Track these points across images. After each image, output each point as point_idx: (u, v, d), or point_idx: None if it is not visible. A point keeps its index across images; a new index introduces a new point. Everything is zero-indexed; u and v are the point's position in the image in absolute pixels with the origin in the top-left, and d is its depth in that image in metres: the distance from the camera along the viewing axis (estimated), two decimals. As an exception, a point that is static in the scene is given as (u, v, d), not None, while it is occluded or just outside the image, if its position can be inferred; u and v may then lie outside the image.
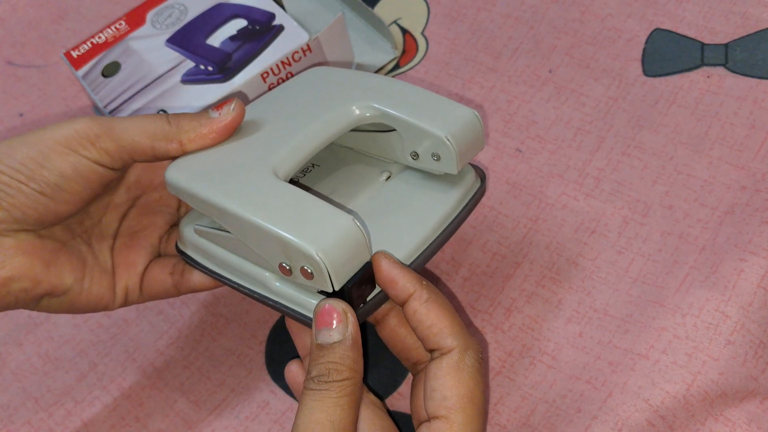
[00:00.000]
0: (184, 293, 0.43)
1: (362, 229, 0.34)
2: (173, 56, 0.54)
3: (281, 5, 0.56)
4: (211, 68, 0.53)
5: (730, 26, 0.53)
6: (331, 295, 0.35)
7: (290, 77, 0.53)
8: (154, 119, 0.38)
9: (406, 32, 0.59)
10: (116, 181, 0.41)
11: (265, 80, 0.52)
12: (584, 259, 0.47)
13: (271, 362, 0.47)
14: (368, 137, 0.43)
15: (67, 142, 0.37)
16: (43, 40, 0.66)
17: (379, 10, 0.61)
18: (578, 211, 0.48)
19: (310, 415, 0.34)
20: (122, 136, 0.37)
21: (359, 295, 0.36)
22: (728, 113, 0.50)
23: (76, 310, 0.40)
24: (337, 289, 0.34)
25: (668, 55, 0.53)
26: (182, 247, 0.42)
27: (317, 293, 0.36)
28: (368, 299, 0.36)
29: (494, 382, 0.44)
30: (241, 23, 0.55)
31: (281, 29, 0.54)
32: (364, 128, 0.42)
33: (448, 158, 0.39)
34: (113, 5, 0.67)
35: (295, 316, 0.37)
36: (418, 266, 0.38)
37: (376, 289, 0.37)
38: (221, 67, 0.53)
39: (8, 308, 0.38)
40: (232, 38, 0.54)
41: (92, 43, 0.56)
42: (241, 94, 0.52)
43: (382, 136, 0.42)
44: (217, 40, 0.54)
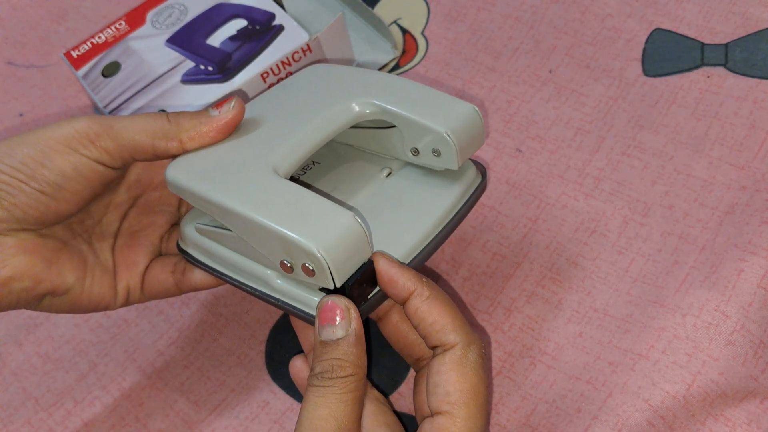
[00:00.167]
0: (185, 292, 0.43)
1: (363, 225, 0.34)
2: (173, 56, 0.54)
3: (281, 5, 0.56)
4: (211, 68, 0.53)
5: (730, 26, 0.53)
6: (332, 292, 0.35)
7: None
8: (154, 118, 0.38)
9: (406, 32, 0.59)
10: (117, 180, 0.41)
11: (265, 80, 0.52)
12: (584, 259, 0.47)
13: (271, 362, 0.47)
14: (368, 134, 0.43)
15: (67, 141, 0.37)
16: (43, 40, 0.66)
17: (379, 10, 0.61)
18: (578, 211, 0.48)
19: (313, 411, 0.34)
20: (122, 134, 0.37)
21: (360, 292, 0.36)
22: (728, 113, 0.50)
23: (77, 309, 0.40)
24: (338, 286, 0.34)
25: (668, 55, 0.53)
26: (183, 245, 0.42)
27: (319, 290, 0.36)
28: (369, 297, 0.36)
29: (494, 382, 0.44)
30: (241, 23, 0.55)
31: (281, 29, 0.54)
32: (364, 125, 0.42)
33: (448, 154, 0.39)
34: (113, 5, 0.67)
35: (296, 313, 0.37)
36: (420, 262, 0.38)
37: (376, 287, 0.37)
38: (221, 67, 0.53)
39: (10, 308, 0.38)
40: (232, 38, 0.54)
41: (92, 43, 0.56)
42: (241, 92, 0.52)
43: (382, 132, 0.42)
44: (217, 40, 0.54)
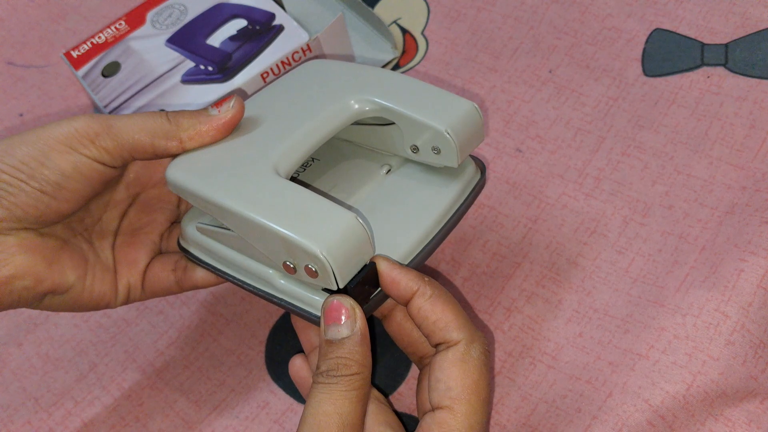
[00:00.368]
0: (186, 290, 0.43)
1: (365, 226, 0.34)
2: (173, 56, 0.54)
3: (281, 5, 0.56)
4: (211, 68, 0.53)
5: (730, 26, 0.53)
6: (335, 292, 0.35)
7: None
8: (153, 117, 0.38)
9: (406, 32, 0.59)
10: (116, 178, 0.41)
11: (265, 80, 0.52)
12: (584, 259, 0.47)
13: (271, 362, 0.47)
14: (368, 130, 0.43)
15: (67, 140, 0.37)
16: (43, 40, 0.66)
17: (379, 10, 0.61)
18: (578, 211, 0.48)
19: (318, 407, 0.34)
20: (122, 134, 0.37)
21: (363, 293, 0.36)
22: (728, 113, 0.50)
23: (78, 308, 0.40)
24: (341, 287, 0.34)
25: (668, 55, 0.53)
26: (185, 244, 0.42)
27: (322, 290, 0.36)
28: (371, 297, 0.37)
29: (494, 382, 0.44)
30: (241, 23, 0.55)
31: (281, 29, 0.54)
32: (363, 122, 0.42)
33: (448, 152, 0.39)
34: (113, 5, 0.67)
35: (299, 313, 0.37)
36: (420, 261, 0.38)
37: (378, 287, 0.37)
38: (221, 67, 0.53)
39: (11, 307, 0.38)
40: (232, 38, 0.54)
41: (92, 43, 0.56)
42: (241, 92, 0.52)
43: (382, 129, 0.42)
44: (217, 40, 0.54)
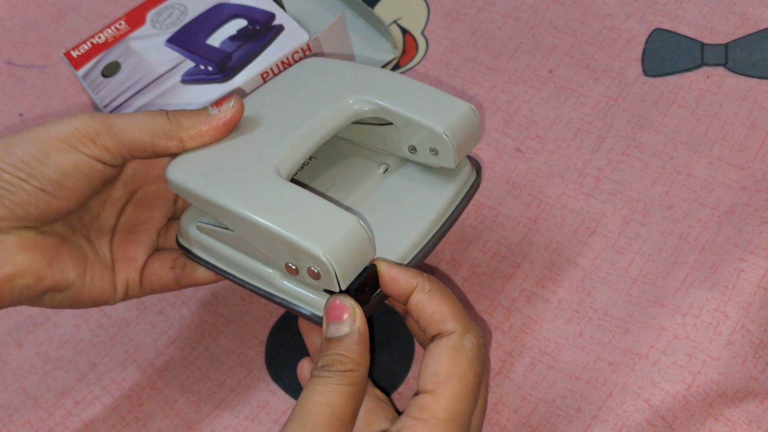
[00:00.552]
0: (185, 287, 0.43)
1: (367, 229, 0.35)
2: (173, 56, 0.54)
3: (281, 5, 0.56)
4: (211, 68, 0.53)
5: (730, 26, 0.53)
6: (336, 293, 0.36)
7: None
8: (153, 116, 0.38)
9: (406, 32, 0.59)
10: (115, 176, 0.41)
11: (264, 80, 0.52)
12: (584, 259, 0.47)
13: (271, 362, 0.47)
14: (366, 129, 0.43)
15: (67, 139, 0.37)
16: (43, 40, 0.66)
17: (379, 10, 0.61)
18: (578, 211, 0.48)
19: (309, 397, 0.34)
20: (122, 133, 0.37)
21: (363, 294, 0.36)
22: (728, 113, 0.50)
23: (77, 305, 0.41)
24: (343, 289, 0.35)
25: (668, 55, 0.53)
26: (184, 243, 0.42)
27: (322, 291, 0.36)
28: (371, 298, 0.37)
29: (494, 382, 0.44)
30: (241, 23, 0.55)
31: (281, 29, 0.54)
32: (362, 121, 0.42)
33: (446, 153, 0.39)
34: (113, 5, 0.67)
35: (300, 312, 0.37)
36: (419, 261, 0.38)
37: (378, 289, 0.37)
38: (221, 67, 0.53)
39: (12, 305, 0.38)
40: (232, 38, 0.54)
41: (92, 43, 0.56)
42: (240, 91, 0.52)
43: (380, 128, 0.42)
44: (217, 40, 0.54)
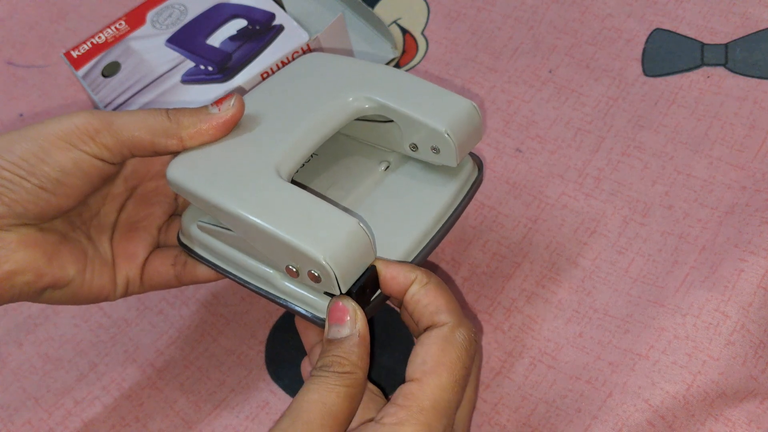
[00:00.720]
0: (185, 284, 0.43)
1: (367, 232, 0.35)
2: (173, 56, 0.54)
3: (281, 5, 0.56)
4: (211, 68, 0.53)
5: (730, 26, 0.53)
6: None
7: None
8: (153, 114, 0.38)
9: (406, 32, 0.59)
10: (115, 173, 0.41)
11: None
12: (584, 259, 0.47)
13: (271, 362, 0.47)
14: (367, 126, 0.43)
15: (67, 136, 0.37)
16: (43, 40, 0.66)
17: (379, 10, 0.61)
18: (578, 211, 0.48)
19: (304, 395, 0.34)
20: (122, 131, 0.37)
21: (364, 295, 0.36)
22: (728, 113, 0.50)
23: (77, 301, 0.41)
24: (344, 292, 0.35)
25: (668, 55, 0.53)
26: (185, 241, 0.42)
27: (323, 293, 0.36)
28: (371, 300, 0.37)
29: (494, 382, 0.44)
30: (241, 23, 0.55)
31: (281, 29, 0.54)
32: (363, 117, 0.42)
33: (447, 151, 0.39)
34: (113, 5, 0.67)
35: (300, 313, 0.37)
36: (421, 260, 0.38)
37: (378, 290, 0.37)
38: (221, 67, 0.53)
39: (12, 301, 0.38)
40: (232, 38, 0.54)
41: (92, 43, 0.56)
42: (240, 89, 0.52)
43: (381, 125, 0.42)
44: (217, 40, 0.54)
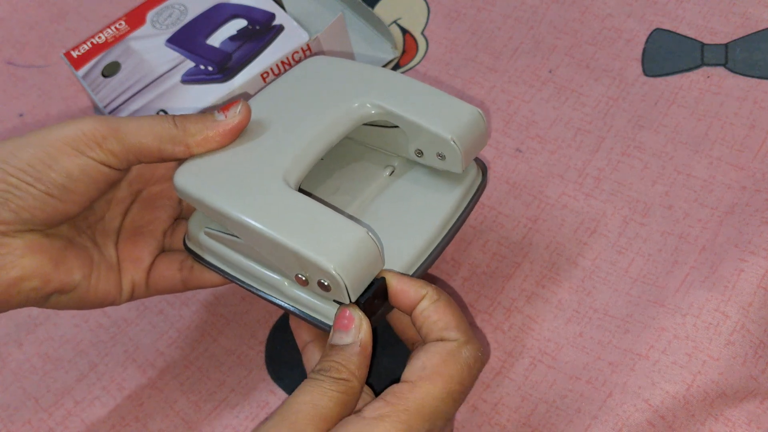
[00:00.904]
0: (192, 289, 0.43)
1: (376, 241, 0.35)
2: (173, 56, 0.54)
3: (281, 5, 0.56)
4: (211, 68, 0.53)
5: (730, 26, 0.53)
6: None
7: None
8: (160, 121, 0.38)
9: (406, 32, 0.59)
10: (121, 179, 0.41)
11: (265, 80, 0.52)
12: (584, 259, 0.47)
13: (271, 362, 0.47)
14: (373, 131, 0.43)
15: (73, 143, 0.37)
16: (43, 40, 0.66)
17: (379, 10, 0.61)
18: (578, 211, 0.48)
19: (297, 396, 0.34)
20: (129, 137, 0.37)
21: (371, 305, 0.36)
22: (728, 113, 0.50)
23: (83, 306, 0.41)
24: (353, 301, 0.35)
25: (668, 55, 0.53)
26: (192, 246, 0.42)
27: (332, 300, 0.36)
28: (378, 310, 0.37)
29: (494, 382, 0.44)
30: (241, 23, 0.55)
31: (281, 29, 0.54)
32: (368, 123, 0.42)
33: (453, 158, 0.39)
34: (113, 5, 0.67)
35: (310, 321, 0.37)
36: (426, 267, 0.38)
37: (386, 300, 0.37)
38: (221, 67, 0.53)
39: (19, 306, 0.38)
40: (232, 38, 0.54)
41: (92, 43, 0.56)
42: (240, 89, 0.52)
43: (386, 131, 0.42)
44: (217, 40, 0.54)
